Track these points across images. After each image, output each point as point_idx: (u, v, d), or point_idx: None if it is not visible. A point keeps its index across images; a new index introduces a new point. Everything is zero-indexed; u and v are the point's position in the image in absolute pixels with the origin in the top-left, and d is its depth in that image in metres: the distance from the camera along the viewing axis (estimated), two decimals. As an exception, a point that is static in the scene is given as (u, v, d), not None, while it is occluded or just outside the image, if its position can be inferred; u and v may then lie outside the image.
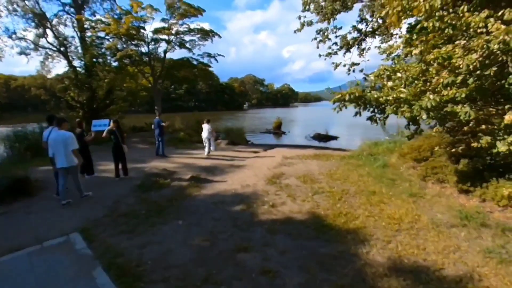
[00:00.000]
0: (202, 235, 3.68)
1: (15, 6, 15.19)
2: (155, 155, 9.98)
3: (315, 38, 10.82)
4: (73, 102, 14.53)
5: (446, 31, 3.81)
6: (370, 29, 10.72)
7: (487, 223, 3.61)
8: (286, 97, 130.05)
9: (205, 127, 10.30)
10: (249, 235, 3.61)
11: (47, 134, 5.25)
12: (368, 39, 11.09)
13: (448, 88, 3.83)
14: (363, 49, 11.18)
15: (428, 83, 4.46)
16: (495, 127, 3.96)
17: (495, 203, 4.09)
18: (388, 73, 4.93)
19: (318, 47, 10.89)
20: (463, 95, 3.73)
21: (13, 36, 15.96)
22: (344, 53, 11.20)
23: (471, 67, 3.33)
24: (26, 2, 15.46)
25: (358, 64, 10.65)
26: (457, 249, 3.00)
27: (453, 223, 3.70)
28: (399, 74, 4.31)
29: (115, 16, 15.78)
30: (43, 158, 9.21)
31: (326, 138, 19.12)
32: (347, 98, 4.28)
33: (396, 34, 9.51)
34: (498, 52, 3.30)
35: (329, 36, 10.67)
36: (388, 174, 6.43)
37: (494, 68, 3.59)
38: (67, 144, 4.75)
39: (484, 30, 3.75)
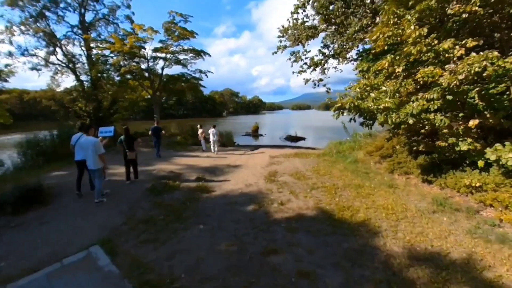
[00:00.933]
0: (227, 239, 3.18)
1: (27, 26, 14.68)
2: (156, 156, 9.44)
3: (290, 59, 11.49)
4: (81, 111, 14.26)
5: (428, 54, 4.01)
6: (332, 53, 11.53)
7: (458, 208, 3.79)
8: (256, 106, 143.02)
9: (212, 131, 10.17)
10: (272, 236, 3.21)
11: (76, 139, 5.04)
12: (330, 60, 11.87)
13: (425, 100, 4.06)
14: (325, 68, 11.78)
15: (403, 96, 4.71)
16: (455, 130, 4.33)
17: (455, 191, 4.41)
18: (369, 88, 5.07)
19: (292, 66, 11.56)
20: (436, 107, 4.02)
21: (25, 53, 15.34)
22: (311, 71, 11.78)
23: (452, 85, 3.54)
24: (38, 24, 14.94)
25: (322, 80, 11.51)
26: (449, 234, 3.07)
27: (433, 209, 3.83)
28: (384, 88, 4.40)
29: (119, 37, 15.67)
30: (55, 163, 8.47)
31: (297, 139, 19.67)
32: (347, 106, 4.23)
33: (349, 57, 10.51)
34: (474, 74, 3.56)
35: (302, 57, 11.30)
36: (361, 169, 6.59)
37: (468, 86, 3.93)
38: (95, 149, 4.59)
39: (452, 55, 4.08)
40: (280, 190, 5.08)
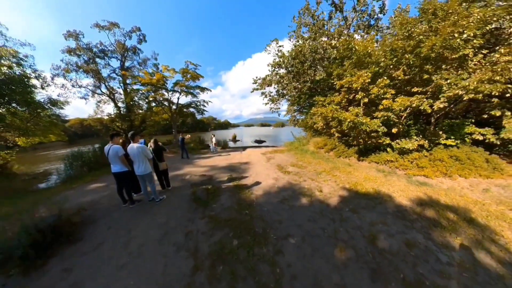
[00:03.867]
0: (343, 242, 1.94)
1: (81, 67, 12.55)
2: (180, 158, 7.79)
3: (263, 93, 11.53)
4: (118, 129, 12.70)
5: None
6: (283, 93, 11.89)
7: (390, 172, 4.34)
8: (227, 124, 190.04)
9: (213, 140, 10.15)
10: (359, 222, 2.32)
11: (107, 150, 2.85)
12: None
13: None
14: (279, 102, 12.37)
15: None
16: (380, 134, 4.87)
17: (380, 164, 4.88)
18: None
19: (263, 100, 11.70)
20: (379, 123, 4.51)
21: (75, 85, 12.70)
22: (271, 104, 12.03)
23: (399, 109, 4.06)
24: (91, 65, 12.76)
25: (279, 108, 11.94)
26: (407, 187, 3.33)
27: (384, 174, 4.08)
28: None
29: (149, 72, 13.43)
30: (96, 172, 6.01)
31: (261, 141, 20.20)
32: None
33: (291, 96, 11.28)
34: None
35: (267, 95, 11.55)
36: (321, 157, 6.61)
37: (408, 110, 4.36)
38: (144, 154, 2.94)
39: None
40: (302, 179, 4.06)
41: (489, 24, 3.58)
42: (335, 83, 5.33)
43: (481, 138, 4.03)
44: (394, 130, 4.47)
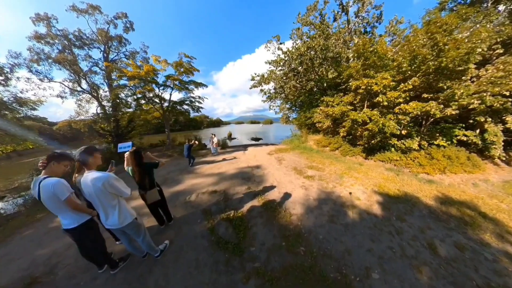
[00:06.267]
0: (413, 266, 1.78)
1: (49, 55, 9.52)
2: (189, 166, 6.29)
3: (261, 90, 11.67)
4: (103, 131, 9.98)
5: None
6: (281, 91, 11.86)
7: (398, 170, 4.70)
8: (219, 122, 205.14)
9: (214, 140, 8.58)
10: (413, 233, 2.32)
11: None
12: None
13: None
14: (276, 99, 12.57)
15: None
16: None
17: (386, 162, 5.30)
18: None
19: (262, 97, 12.03)
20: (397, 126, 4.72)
21: (44, 79, 9.75)
22: (270, 101, 12.29)
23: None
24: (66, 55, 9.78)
25: (278, 106, 12.58)
26: (421, 186, 3.67)
27: (395, 173, 4.34)
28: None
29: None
30: None
31: (258, 139, 19.28)
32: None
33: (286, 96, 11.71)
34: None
35: (266, 93, 11.84)
36: (328, 156, 6.56)
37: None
38: (112, 193, 1.48)
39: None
40: (331, 185, 3.79)
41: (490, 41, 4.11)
42: (348, 83, 5.37)
43: (465, 139, 4.81)
44: (403, 132, 4.88)
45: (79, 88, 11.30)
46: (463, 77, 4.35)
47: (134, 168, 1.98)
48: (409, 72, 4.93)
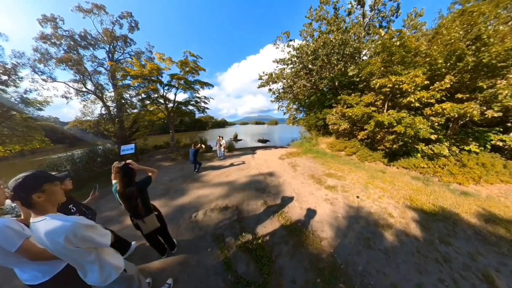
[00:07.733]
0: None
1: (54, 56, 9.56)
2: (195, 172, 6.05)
3: (270, 90, 11.57)
4: (107, 133, 10.36)
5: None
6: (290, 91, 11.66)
7: (426, 179, 4.26)
8: (224, 123, 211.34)
9: (222, 142, 8.36)
10: (463, 261, 2.09)
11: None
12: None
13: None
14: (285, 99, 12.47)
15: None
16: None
17: (410, 170, 4.80)
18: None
19: (271, 97, 11.95)
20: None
21: (48, 79, 9.68)
22: (278, 101, 12.37)
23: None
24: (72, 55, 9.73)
25: (288, 106, 12.61)
26: (457, 199, 3.34)
27: (424, 183, 4.00)
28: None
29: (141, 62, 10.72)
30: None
31: (265, 141, 18.78)
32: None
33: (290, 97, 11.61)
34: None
35: (274, 92, 11.79)
36: (345, 161, 6.23)
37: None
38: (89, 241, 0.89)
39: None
40: (353, 194, 3.53)
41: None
42: (367, 81, 4.93)
43: (500, 144, 4.33)
44: (433, 137, 4.47)
45: (84, 89, 11.41)
46: (508, 75, 3.86)
47: (121, 190, 1.41)
48: (443, 70, 4.47)
